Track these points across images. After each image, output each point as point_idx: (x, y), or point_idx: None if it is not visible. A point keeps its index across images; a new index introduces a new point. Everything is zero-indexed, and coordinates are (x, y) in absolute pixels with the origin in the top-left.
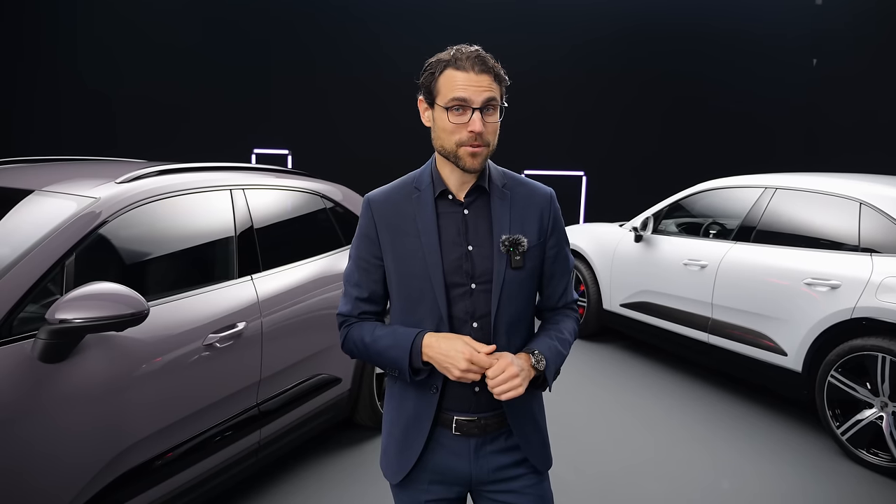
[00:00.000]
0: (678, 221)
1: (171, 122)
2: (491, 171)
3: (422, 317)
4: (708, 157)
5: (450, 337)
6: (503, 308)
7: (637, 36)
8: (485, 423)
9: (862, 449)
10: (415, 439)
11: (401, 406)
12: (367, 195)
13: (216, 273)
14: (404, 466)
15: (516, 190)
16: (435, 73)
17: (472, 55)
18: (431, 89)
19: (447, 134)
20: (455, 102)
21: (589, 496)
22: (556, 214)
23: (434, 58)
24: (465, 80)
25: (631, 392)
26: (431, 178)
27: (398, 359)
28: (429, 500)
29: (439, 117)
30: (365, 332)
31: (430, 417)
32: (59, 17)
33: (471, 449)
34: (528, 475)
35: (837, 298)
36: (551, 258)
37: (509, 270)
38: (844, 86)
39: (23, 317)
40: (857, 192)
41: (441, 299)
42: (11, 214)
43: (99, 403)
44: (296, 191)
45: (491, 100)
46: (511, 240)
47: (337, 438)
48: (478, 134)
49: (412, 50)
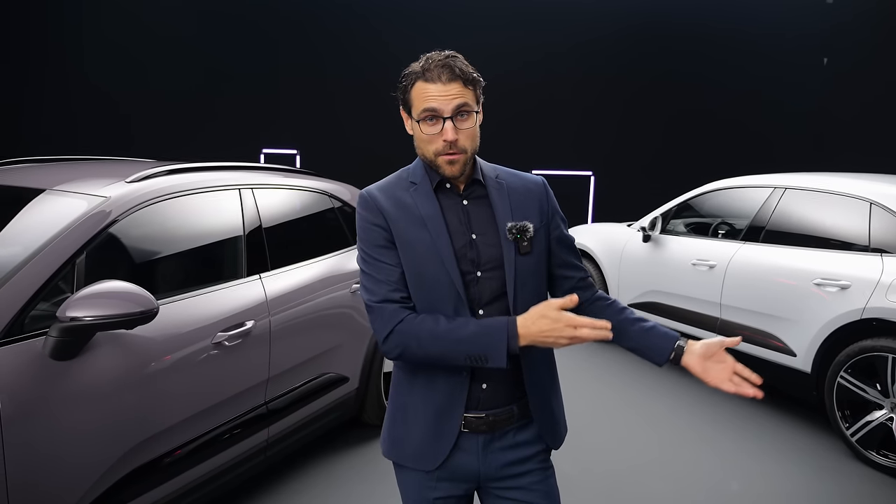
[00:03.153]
0: (686, 221)
1: (182, 123)
2: (482, 166)
3: (441, 303)
4: (716, 156)
5: (538, 315)
6: (519, 294)
7: (645, 35)
8: (493, 420)
9: (871, 450)
10: (449, 428)
11: (427, 395)
12: (364, 190)
13: (225, 272)
14: (438, 455)
15: (510, 181)
16: (408, 86)
17: (439, 63)
18: (407, 101)
19: (424, 144)
20: (426, 114)
21: (595, 495)
22: (552, 199)
23: (408, 68)
24: (434, 90)
25: (637, 391)
26: (425, 171)
27: (491, 345)
28: (437, 498)
29: (416, 128)
30: (430, 323)
31: (461, 404)
32: (66, 17)
33: (479, 446)
34: (536, 471)
35: (847, 299)
36: (556, 239)
37: (519, 257)
38: (854, 85)
39: (34, 314)
40: (868, 191)
41: (458, 282)
42: (23, 213)
43: (109, 401)
44: (304, 190)
45: (462, 106)
46: (518, 227)
47: (345, 437)
48: (451, 142)
49: (419, 49)
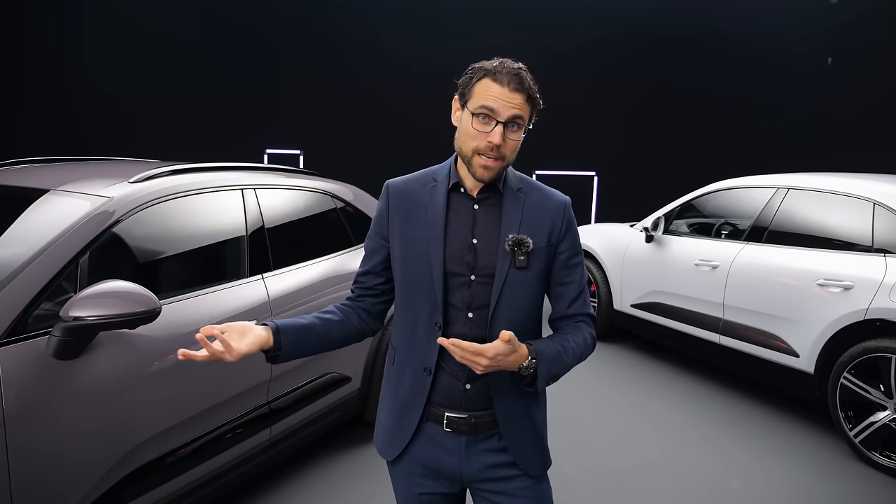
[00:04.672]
0: (689, 222)
1: (185, 123)
2: (508, 175)
3: (419, 300)
4: (719, 157)
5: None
6: (503, 303)
7: (649, 36)
8: (476, 422)
9: (875, 451)
10: (410, 419)
11: (398, 387)
12: (388, 181)
13: (227, 272)
14: (398, 445)
15: (531, 195)
16: (473, 78)
17: (511, 71)
18: (466, 92)
19: (468, 138)
20: (483, 110)
21: (597, 495)
22: (570, 222)
23: (478, 63)
24: (499, 92)
25: (640, 392)
26: (449, 171)
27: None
28: (421, 494)
29: (466, 120)
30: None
31: (423, 398)
32: (67, 18)
33: (462, 446)
34: (522, 477)
35: (850, 299)
36: (561, 264)
37: (512, 269)
38: (858, 85)
39: (38, 314)
40: (871, 192)
41: (438, 286)
42: (27, 213)
43: (111, 400)
44: (307, 190)
45: (517, 117)
46: (516, 239)
47: (347, 437)
48: (496, 146)
49: (420, 50)
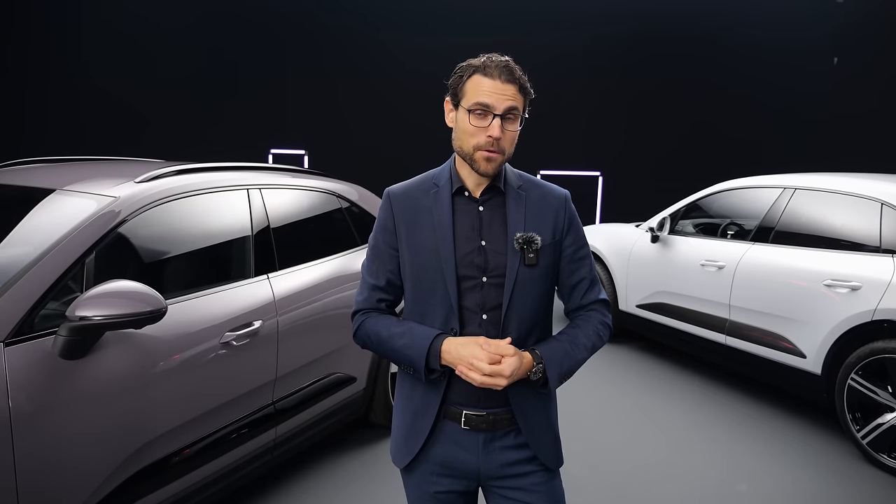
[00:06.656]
0: (695, 222)
1: (191, 123)
2: (507, 173)
3: (433, 307)
4: (725, 157)
5: (467, 343)
6: (515, 302)
7: (654, 36)
8: (493, 419)
9: (883, 453)
10: (422, 426)
11: (411, 394)
12: (388, 189)
13: (233, 272)
14: (411, 451)
15: (531, 191)
16: (463, 76)
17: (500, 64)
18: (458, 91)
19: (467, 136)
20: (478, 107)
21: (603, 495)
22: (572, 215)
23: (465, 62)
24: (491, 86)
25: (646, 393)
26: (450, 175)
27: (414, 358)
28: (437, 492)
29: (461, 119)
30: (381, 327)
31: (436, 405)
32: (70, 17)
33: (479, 443)
34: (538, 472)
35: (858, 300)
36: (568, 258)
37: (523, 267)
38: (863, 84)
39: (44, 314)
40: (879, 192)
41: (452, 291)
42: (33, 213)
43: (117, 400)
44: (312, 190)
45: (512, 109)
46: (525, 237)
47: (352, 437)
48: (496, 139)
49: (427, 52)
